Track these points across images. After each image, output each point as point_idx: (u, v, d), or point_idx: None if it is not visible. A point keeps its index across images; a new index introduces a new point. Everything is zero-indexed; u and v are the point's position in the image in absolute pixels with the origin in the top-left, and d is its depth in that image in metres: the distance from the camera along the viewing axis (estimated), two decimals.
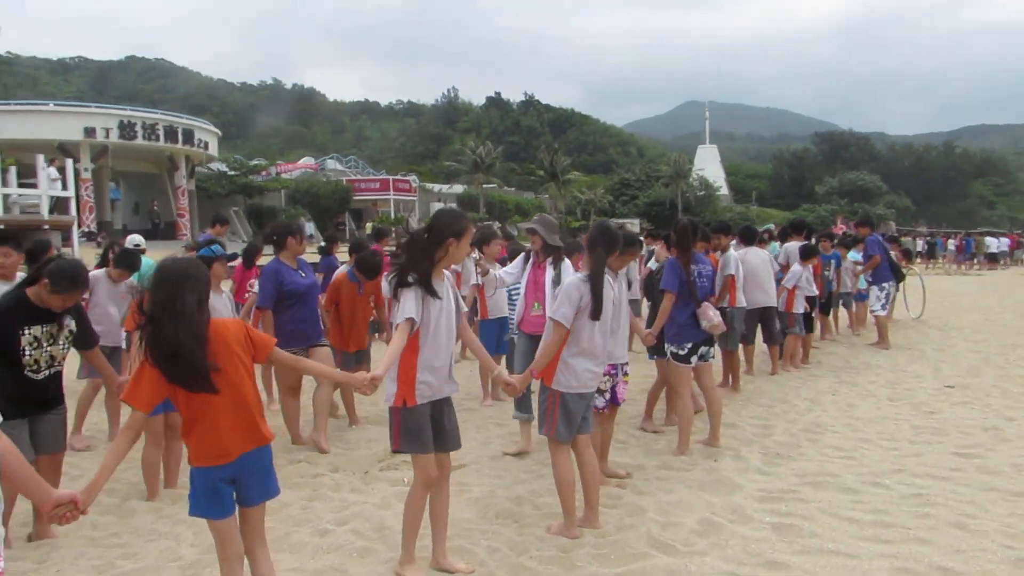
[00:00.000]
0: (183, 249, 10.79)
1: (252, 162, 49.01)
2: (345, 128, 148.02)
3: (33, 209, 22.85)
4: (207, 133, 40.03)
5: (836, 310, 12.80)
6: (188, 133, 37.71)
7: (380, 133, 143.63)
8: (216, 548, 3.22)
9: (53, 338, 4.29)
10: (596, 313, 4.20)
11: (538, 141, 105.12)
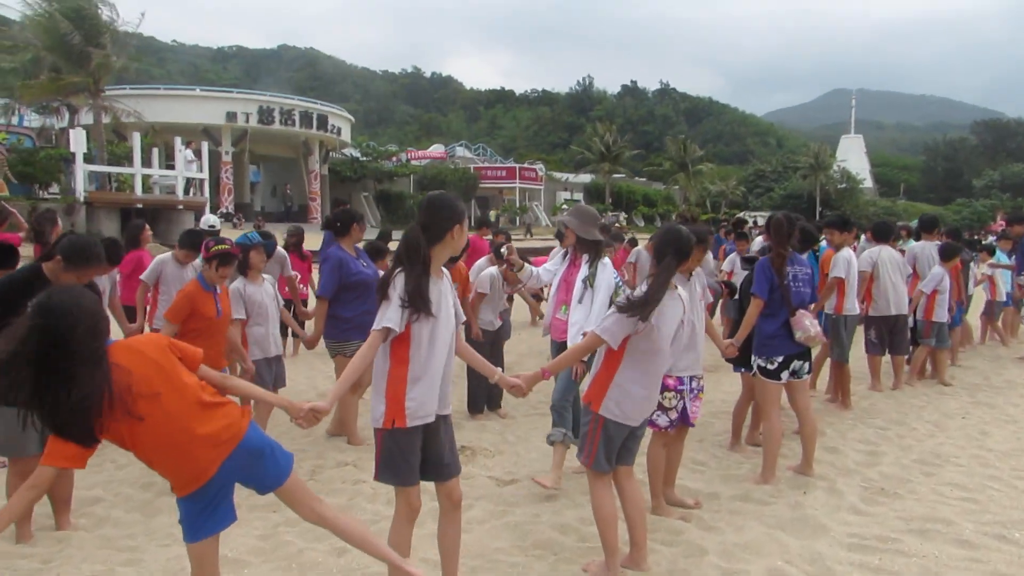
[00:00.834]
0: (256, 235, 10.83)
1: (384, 148, 50.14)
2: (480, 116, 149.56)
3: (171, 190, 24.00)
4: (340, 119, 41.12)
5: (992, 319, 11.59)
6: (322, 119, 38.84)
7: (514, 121, 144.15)
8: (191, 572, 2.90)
9: None
10: (644, 315, 3.60)
11: (673, 131, 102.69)
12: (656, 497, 4.68)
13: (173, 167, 24.45)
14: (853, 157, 73.98)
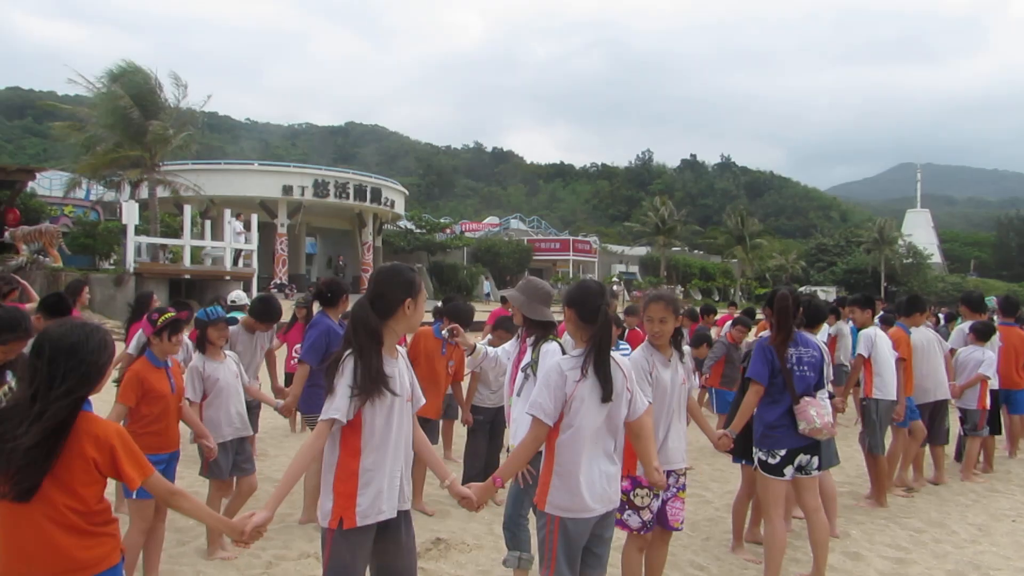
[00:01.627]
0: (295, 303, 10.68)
1: (439, 220, 50.72)
2: (539, 190, 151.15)
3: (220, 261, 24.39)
4: (394, 192, 41.78)
5: None
6: (376, 192, 39.49)
7: (573, 195, 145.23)
8: None
9: None
10: (605, 394, 3.16)
11: (732, 204, 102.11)
12: None
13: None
14: (920, 232, 71.92)
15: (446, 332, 5.14)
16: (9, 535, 2.42)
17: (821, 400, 5.66)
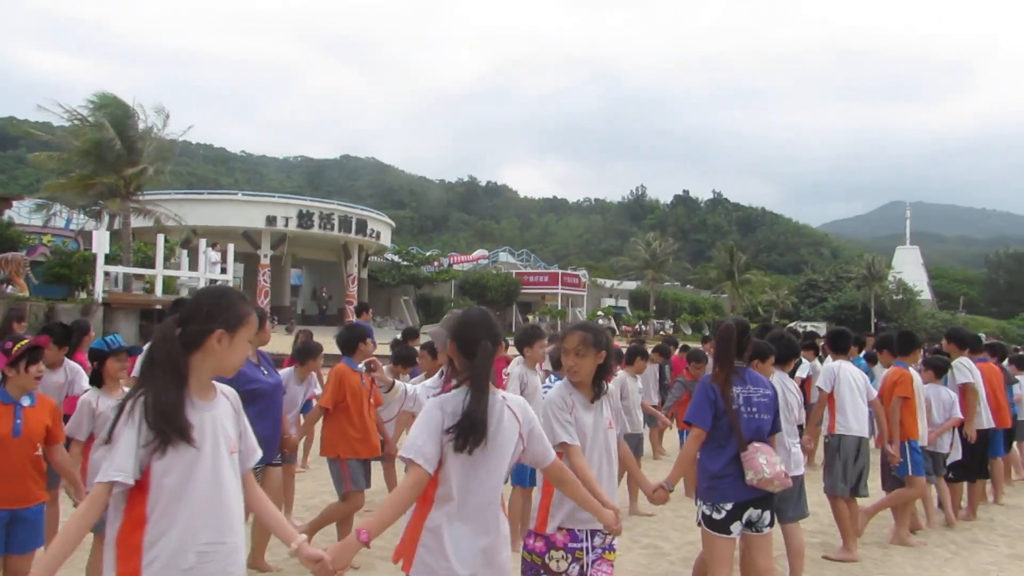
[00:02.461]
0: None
1: (427, 253, 50.33)
2: (533, 224, 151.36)
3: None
4: (379, 223, 41.42)
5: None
6: (361, 223, 39.12)
7: (566, 229, 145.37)
8: None
9: None
10: (475, 439, 2.64)
11: (724, 240, 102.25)
12: None
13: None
14: (909, 268, 71.79)
15: (363, 366, 4.64)
16: None
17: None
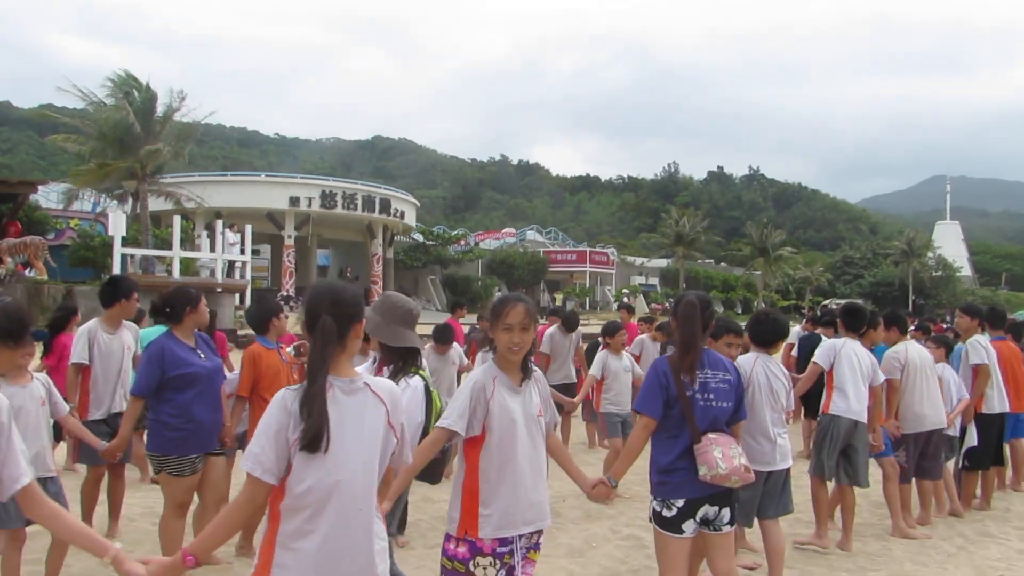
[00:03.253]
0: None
1: (454, 232, 50.04)
2: (565, 202, 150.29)
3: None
4: (404, 203, 41.17)
5: None
6: (385, 203, 38.91)
7: (599, 207, 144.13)
8: None
9: None
10: (314, 437, 2.30)
11: (759, 216, 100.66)
12: None
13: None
14: (949, 244, 69.89)
15: (291, 349, 4.32)
16: None
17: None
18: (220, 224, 24.09)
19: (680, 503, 3.65)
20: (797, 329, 11.31)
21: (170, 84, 42.59)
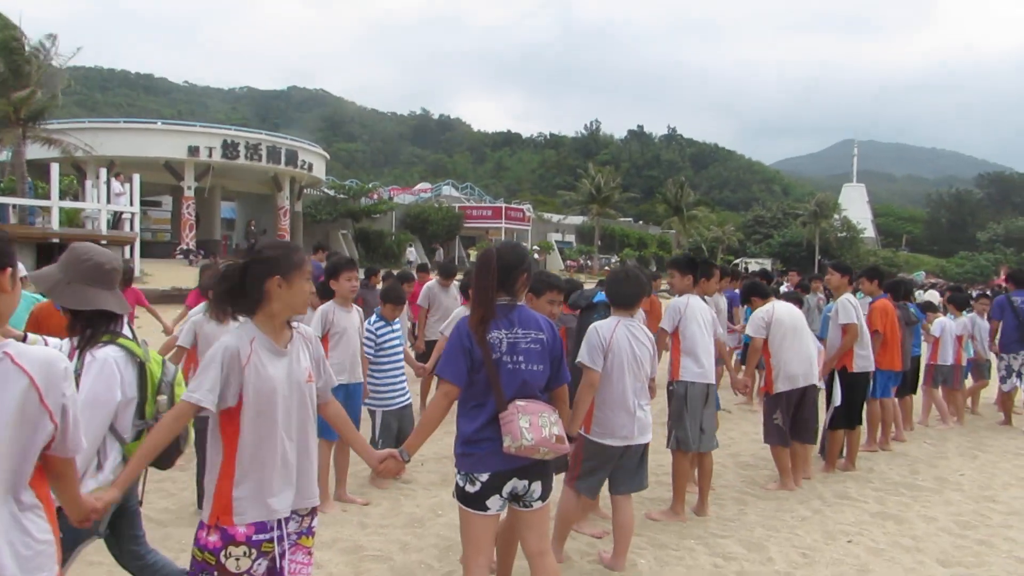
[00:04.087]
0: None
1: (368, 185, 48.80)
2: (486, 158, 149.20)
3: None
4: (311, 154, 39.81)
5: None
6: (291, 154, 37.52)
7: (520, 164, 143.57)
8: None
9: None
10: None
11: (678, 175, 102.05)
12: None
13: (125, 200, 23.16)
14: (855, 206, 72.16)
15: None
16: None
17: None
18: (103, 173, 22.64)
19: (484, 477, 3.27)
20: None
21: (61, 26, 39.63)
